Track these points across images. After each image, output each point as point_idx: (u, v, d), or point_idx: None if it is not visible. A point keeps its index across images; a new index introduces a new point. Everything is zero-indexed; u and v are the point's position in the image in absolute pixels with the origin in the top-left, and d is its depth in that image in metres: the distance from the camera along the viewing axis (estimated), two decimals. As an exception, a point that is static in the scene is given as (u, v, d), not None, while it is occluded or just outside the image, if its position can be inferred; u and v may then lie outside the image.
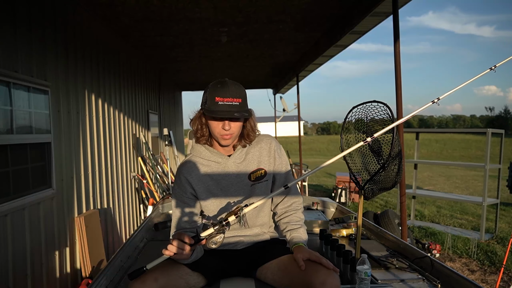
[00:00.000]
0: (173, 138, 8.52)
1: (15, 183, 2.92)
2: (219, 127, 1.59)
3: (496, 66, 1.84)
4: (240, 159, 1.70)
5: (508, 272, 4.29)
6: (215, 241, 1.35)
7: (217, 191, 1.68)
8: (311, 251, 1.55)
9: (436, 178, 14.28)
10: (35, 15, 3.23)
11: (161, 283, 1.42)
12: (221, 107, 1.54)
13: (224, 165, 1.69)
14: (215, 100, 1.55)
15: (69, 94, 3.86)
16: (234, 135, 1.62)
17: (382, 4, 3.62)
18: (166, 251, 1.35)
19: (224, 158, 1.69)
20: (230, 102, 1.54)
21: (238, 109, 1.56)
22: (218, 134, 1.61)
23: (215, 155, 1.69)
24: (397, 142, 1.81)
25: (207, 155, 1.70)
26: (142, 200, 6.31)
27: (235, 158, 1.69)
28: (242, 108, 1.58)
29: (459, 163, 19.25)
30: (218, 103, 1.54)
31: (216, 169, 1.69)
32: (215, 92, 1.56)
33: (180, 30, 5.23)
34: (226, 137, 1.60)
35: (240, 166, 1.70)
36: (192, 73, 9.20)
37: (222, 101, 1.54)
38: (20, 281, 2.90)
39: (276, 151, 1.77)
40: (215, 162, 1.69)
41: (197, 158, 1.71)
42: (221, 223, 1.34)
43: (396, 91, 3.22)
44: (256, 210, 1.72)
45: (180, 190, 1.70)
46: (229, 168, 1.69)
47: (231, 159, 1.69)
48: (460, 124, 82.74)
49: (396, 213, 5.13)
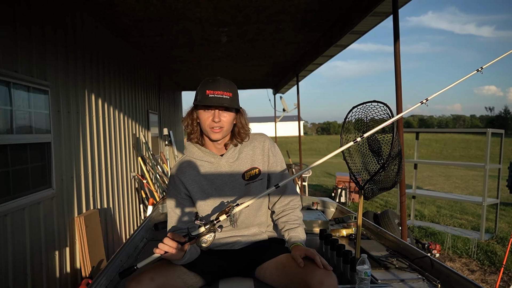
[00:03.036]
0: (173, 138, 8.52)
1: (15, 183, 2.92)
2: (209, 120, 1.60)
3: (482, 68, 1.85)
4: (233, 158, 1.70)
5: (508, 272, 4.29)
6: (205, 240, 1.34)
7: (211, 191, 1.68)
8: (308, 248, 1.55)
9: (436, 178, 14.28)
10: (35, 15, 3.23)
11: (158, 283, 1.41)
12: (211, 99, 1.56)
13: (217, 164, 1.69)
14: (206, 93, 1.57)
15: (69, 94, 3.86)
16: (224, 129, 1.62)
17: (382, 4, 3.62)
18: (157, 250, 1.35)
19: (217, 158, 1.69)
20: (220, 95, 1.57)
21: (229, 102, 1.58)
22: (208, 127, 1.61)
23: (208, 155, 1.69)
24: (397, 142, 1.81)
25: (199, 155, 1.70)
26: (142, 200, 6.32)
27: (228, 157, 1.70)
28: (232, 102, 1.59)
29: (459, 163, 19.25)
30: (208, 95, 1.57)
31: (209, 168, 1.69)
32: (206, 86, 1.59)
33: (180, 30, 5.23)
34: (216, 130, 1.60)
35: (233, 165, 1.70)
36: (192, 73, 9.19)
37: (213, 93, 1.56)
38: (20, 281, 2.90)
39: (270, 150, 1.76)
40: (208, 162, 1.70)
41: (190, 159, 1.72)
42: (212, 222, 1.34)
43: (396, 91, 3.22)
44: (253, 209, 1.73)
45: (175, 190, 1.71)
46: (222, 167, 1.69)
47: (223, 159, 1.69)
48: (460, 124, 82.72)
49: (396, 213, 5.13)
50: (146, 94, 7.29)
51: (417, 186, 6.99)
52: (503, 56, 1.89)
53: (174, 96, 11.20)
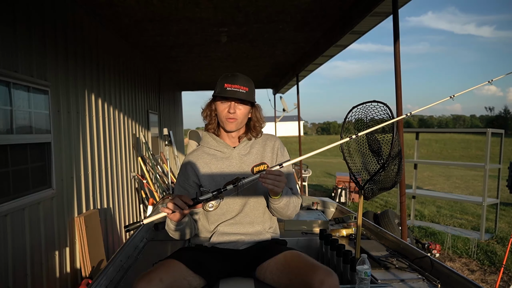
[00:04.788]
0: (173, 138, 8.52)
1: (15, 183, 2.92)
2: (225, 111, 1.69)
3: (454, 96, 1.93)
4: (245, 151, 1.79)
5: (508, 272, 4.29)
6: (212, 204, 1.44)
7: (220, 180, 1.73)
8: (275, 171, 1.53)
9: (436, 178, 14.28)
10: (35, 15, 3.23)
11: (166, 284, 1.45)
12: (228, 92, 1.66)
13: (228, 155, 1.77)
14: (224, 86, 1.67)
15: (69, 94, 3.86)
16: (239, 120, 1.71)
17: (382, 4, 3.61)
18: (165, 209, 1.42)
19: (229, 149, 1.78)
20: (237, 88, 1.67)
21: (244, 96, 1.68)
22: (224, 117, 1.71)
23: (221, 145, 1.78)
24: (397, 142, 1.81)
25: (213, 145, 1.79)
26: (142, 200, 6.32)
27: (240, 149, 1.78)
28: (248, 96, 1.69)
29: (459, 163, 19.25)
30: (226, 88, 1.67)
31: (221, 158, 1.78)
32: (225, 79, 1.69)
33: (180, 30, 5.23)
34: (231, 120, 1.70)
35: (243, 158, 1.78)
36: (192, 73, 9.19)
37: (230, 87, 1.67)
38: (20, 281, 2.90)
39: (280, 149, 1.85)
40: (220, 152, 1.78)
41: (204, 148, 1.82)
42: (218, 190, 1.43)
43: (396, 91, 3.22)
44: (260, 205, 1.78)
45: (184, 177, 1.78)
46: (233, 158, 1.77)
47: (235, 150, 1.78)
48: (460, 124, 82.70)
49: (396, 213, 5.13)
50: (146, 94, 7.29)
51: (417, 186, 6.99)
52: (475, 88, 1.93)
53: (174, 96, 11.20)
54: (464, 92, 1.95)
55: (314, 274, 1.43)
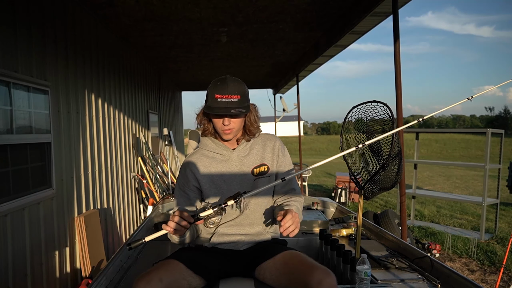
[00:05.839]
0: (173, 138, 8.53)
1: (15, 183, 2.92)
2: (220, 123, 1.66)
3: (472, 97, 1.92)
4: (244, 153, 1.77)
5: (508, 272, 4.29)
6: (212, 221, 1.42)
7: (220, 183, 1.73)
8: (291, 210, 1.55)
9: (436, 178, 14.28)
10: (35, 15, 3.23)
11: (166, 284, 1.45)
12: (220, 104, 1.60)
13: (228, 157, 1.76)
14: (214, 97, 1.61)
15: (69, 94, 3.86)
16: (235, 129, 1.68)
17: (382, 4, 3.62)
18: (166, 227, 1.41)
19: (229, 151, 1.76)
20: (228, 99, 1.60)
21: (237, 106, 1.61)
22: (220, 129, 1.68)
23: (220, 148, 1.76)
24: (397, 142, 1.81)
25: (212, 147, 1.77)
26: (142, 200, 6.32)
27: (239, 151, 1.76)
28: (241, 104, 1.62)
29: (459, 163, 19.25)
30: (217, 100, 1.60)
31: (220, 161, 1.76)
32: (215, 89, 1.62)
33: (180, 30, 5.23)
34: (227, 131, 1.67)
35: (243, 160, 1.76)
36: (192, 73, 9.20)
37: (221, 98, 1.60)
38: (20, 281, 2.90)
39: (280, 150, 1.83)
40: (220, 154, 1.76)
41: (203, 151, 1.79)
42: (220, 205, 1.41)
43: (396, 91, 3.23)
44: (261, 206, 1.78)
45: (184, 180, 1.77)
46: (232, 161, 1.75)
47: (235, 152, 1.76)
48: (460, 124, 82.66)
49: (396, 213, 5.13)
50: (146, 94, 7.29)
51: (417, 186, 6.99)
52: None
53: (174, 96, 11.20)
54: (482, 93, 1.94)
55: (312, 274, 1.43)
